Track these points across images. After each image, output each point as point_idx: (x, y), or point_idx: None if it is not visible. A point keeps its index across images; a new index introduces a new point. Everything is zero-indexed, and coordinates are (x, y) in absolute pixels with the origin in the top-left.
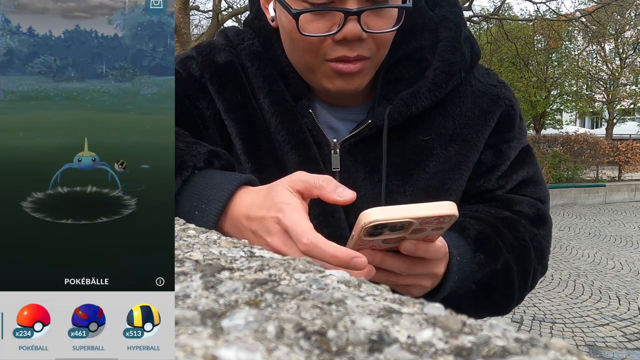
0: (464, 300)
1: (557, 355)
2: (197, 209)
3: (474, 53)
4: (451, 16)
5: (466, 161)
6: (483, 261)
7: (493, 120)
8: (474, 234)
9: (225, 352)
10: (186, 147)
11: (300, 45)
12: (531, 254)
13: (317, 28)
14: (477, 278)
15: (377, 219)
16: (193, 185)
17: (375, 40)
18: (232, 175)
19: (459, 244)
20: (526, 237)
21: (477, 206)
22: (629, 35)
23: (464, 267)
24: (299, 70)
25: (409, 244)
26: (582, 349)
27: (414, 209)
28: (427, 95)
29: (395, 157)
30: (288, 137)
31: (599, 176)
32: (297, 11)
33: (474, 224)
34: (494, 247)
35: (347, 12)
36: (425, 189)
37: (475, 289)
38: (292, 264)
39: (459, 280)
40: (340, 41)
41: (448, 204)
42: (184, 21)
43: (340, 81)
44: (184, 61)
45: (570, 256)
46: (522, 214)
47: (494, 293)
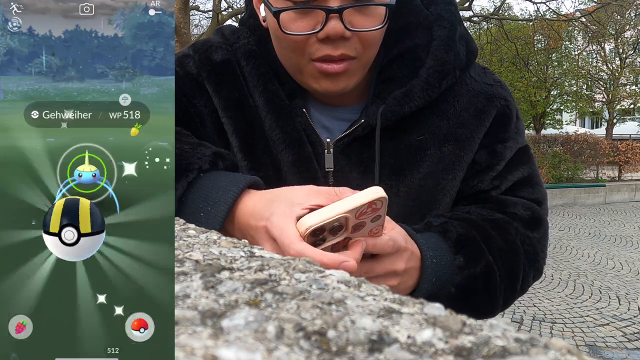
0: (444, 303)
1: (557, 355)
2: (202, 211)
3: (469, 52)
4: (446, 14)
5: (460, 161)
6: (462, 264)
7: (488, 119)
8: (455, 236)
9: (225, 352)
10: (191, 150)
11: (285, 44)
12: (520, 258)
13: (300, 27)
14: (456, 281)
15: (311, 223)
16: (199, 187)
17: (361, 40)
18: (237, 177)
19: (439, 246)
20: (517, 240)
21: (470, 207)
22: (629, 35)
23: (443, 269)
24: (288, 70)
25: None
26: (582, 349)
27: (343, 203)
28: (420, 95)
29: (388, 157)
30: (282, 135)
31: (599, 176)
32: (277, 9)
33: (457, 225)
34: (475, 250)
35: (328, 9)
36: (419, 189)
37: (455, 292)
38: (292, 264)
39: (437, 283)
40: (323, 40)
41: (374, 189)
42: (184, 21)
43: (326, 82)
44: (181, 59)
45: (570, 256)
46: (516, 216)
47: (474, 296)
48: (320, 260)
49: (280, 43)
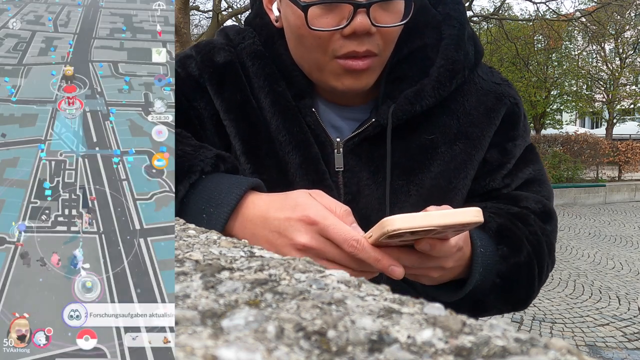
0: (490, 294)
1: (557, 355)
2: (205, 212)
3: (477, 51)
4: (455, 14)
5: (471, 160)
6: (507, 253)
7: (498, 118)
8: (496, 226)
9: (225, 352)
10: (193, 152)
11: (309, 41)
12: (544, 248)
13: (325, 22)
14: (501, 271)
15: (401, 227)
16: (201, 189)
17: (383, 36)
18: (239, 179)
19: (482, 236)
20: (538, 231)
21: (486, 203)
22: (629, 35)
23: (487, 259)
24: (305, 68)
25: (425, 244)
26: (582, 349)
27: (439, 217)
28: (431, 94)
29: (399, 156)
30: (289, 137)
31: (599, 176)
32: (306, 3)
33: (494, 217)
34: (516, 239)
35: (356, 4)
36: (430, 189)
37: (500, 282)
38: (292, 264)
39: (483, 274)
40: (349, 36)
41: (474, 211)
42: (184, 21)
43: (349, 79)
44: (182, 60)
45: (570, 256)
46: (529, 210)
47: (517, 286)
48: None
49: (301, 40)
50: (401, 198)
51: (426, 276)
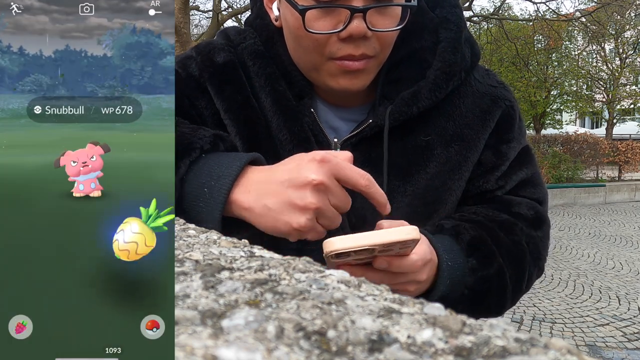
0: (457, 305)
1: (557, 355)
2: (206, 186)
3: (474, 54)
4: (452, 17)
5: (466, 161)
6: (476, 266)
7: (493, 120)
8: (468, 238)
9: (225, 352)
10: (192, 132)
11: (306, 43)
12: (527, 258)
13: (322, 26)
14: (469, 283)
15: (338, 248)
16: (202, 165)
17: (379, 40)
18: (239, 154)
19: (452, 248)
20: (522, 240)
21: (475, 208)
22: (629, 35)
23: (456, 271)
24: (302, 69)
25: (382, 261)
26: (582, 349)
27: (374, 236)
28: (427, 96)
29: (396, 157)
30: (290, 136)
31: (599, 176)
32: (303, 7)
33: (469, 228)
34: (488, 252)
35: (353, 9)
36: (426, 189)
37: (468, 293)
38: (292, 263)
39: (451, 285)
40: (345, 39)
41: (408, 229)
42: (184, 21)
43: (345, 79)
44: (183, 61)
45: (570, 256)
46: (520, 216)
47: (486, 298)
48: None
49: (299, 42)
50: (397, 198)
51: (403, 291)
